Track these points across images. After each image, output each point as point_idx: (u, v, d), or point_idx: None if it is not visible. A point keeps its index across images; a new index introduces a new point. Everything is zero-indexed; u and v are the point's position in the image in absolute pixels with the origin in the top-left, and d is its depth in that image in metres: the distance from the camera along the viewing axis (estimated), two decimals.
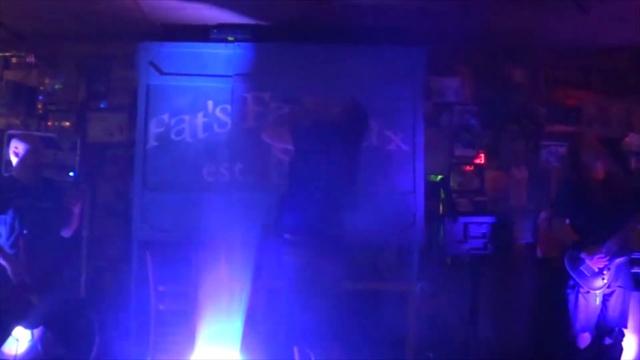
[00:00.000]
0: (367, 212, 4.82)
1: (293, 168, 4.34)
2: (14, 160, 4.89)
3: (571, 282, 4.80)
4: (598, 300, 4.76)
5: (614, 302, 4.80)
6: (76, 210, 4.98)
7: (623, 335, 4.88)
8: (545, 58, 6.04)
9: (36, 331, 4.83)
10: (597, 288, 4.74)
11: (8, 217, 4.72)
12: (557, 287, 4.88)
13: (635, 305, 5.11)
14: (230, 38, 5.73)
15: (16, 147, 4.87)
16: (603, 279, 4.73)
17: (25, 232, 4.73)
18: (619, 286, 4.79)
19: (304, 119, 4.33)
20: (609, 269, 4.72)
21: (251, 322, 5.41)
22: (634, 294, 5.00)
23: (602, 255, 4.69)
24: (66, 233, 4.98)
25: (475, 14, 5.20)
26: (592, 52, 5.93)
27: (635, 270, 5.18)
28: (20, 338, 4.80)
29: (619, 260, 4.75)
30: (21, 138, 4.95)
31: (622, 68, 6.00)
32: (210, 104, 5.76)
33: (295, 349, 4.31)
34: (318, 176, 4.15)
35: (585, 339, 4.84)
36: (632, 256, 5.04)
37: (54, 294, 4.76)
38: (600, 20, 5.20)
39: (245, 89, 5.74)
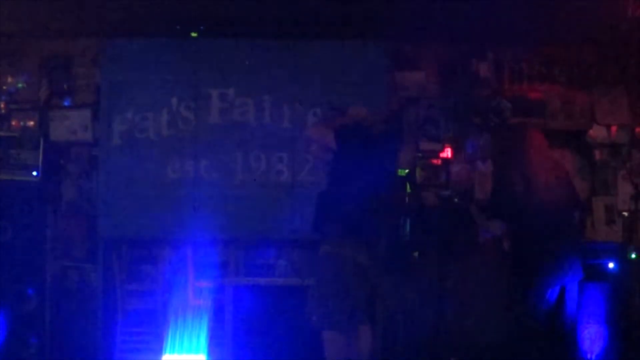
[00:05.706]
0: None
1: (333, 167, 4.55)
2: None
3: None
4: None
5: None
6: None
7: None
8: (510, 52, 6.06)
9: None
10: None
11: None
12: (523, 279, 4.91)
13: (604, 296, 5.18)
14: (193, 34, 5.70)
15: None
16: None
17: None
18: None
19: (346, 123, 4.57)
20: None
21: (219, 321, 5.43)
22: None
23: None
24: None
25: (442, 7, 5.20)
26: (556, 45, 5.95)
27: None
28: None
29: None
30: None
31: (585, 61, 6.02)
32: (174, 100, 5.74)
33: None
34: (357, 176, 4.37)
35: None
36: None
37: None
38: (563, 13, 5.22)
39: (209, 85, 5.72)
